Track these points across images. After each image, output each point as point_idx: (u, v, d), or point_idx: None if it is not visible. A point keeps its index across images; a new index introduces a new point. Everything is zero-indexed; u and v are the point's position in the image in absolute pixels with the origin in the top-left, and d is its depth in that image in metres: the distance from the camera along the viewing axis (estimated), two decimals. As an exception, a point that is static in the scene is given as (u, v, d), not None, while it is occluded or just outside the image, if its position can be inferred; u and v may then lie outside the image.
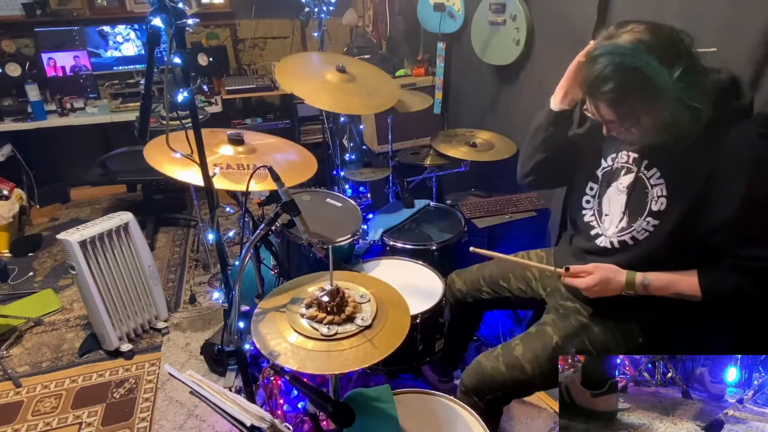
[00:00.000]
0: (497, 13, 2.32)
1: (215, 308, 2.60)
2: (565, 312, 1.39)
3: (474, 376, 1.41)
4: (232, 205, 3.10)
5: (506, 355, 1.38)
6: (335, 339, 1.16)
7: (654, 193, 1.19)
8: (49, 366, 2.26)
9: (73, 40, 3.44)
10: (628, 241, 1.24)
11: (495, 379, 1.37)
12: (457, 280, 1.74)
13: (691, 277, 1.17)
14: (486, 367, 1.39)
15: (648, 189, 1.20)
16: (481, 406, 1.40)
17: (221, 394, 0.97)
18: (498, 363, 1.38)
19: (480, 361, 1.42)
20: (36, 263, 3.08)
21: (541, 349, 1.35)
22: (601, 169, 1.33)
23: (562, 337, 1.34)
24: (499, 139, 2.39)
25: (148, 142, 1.59)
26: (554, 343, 1.34)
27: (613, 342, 1.31)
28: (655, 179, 1.19)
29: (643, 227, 1.21)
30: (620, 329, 1.31)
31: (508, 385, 1.37)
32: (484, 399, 1.40)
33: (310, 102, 1.92)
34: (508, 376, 1.36)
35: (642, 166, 1.22)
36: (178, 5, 1.11)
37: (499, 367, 1.37)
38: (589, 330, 1.33)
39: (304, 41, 4.05)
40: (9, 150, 3.40)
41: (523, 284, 1.60)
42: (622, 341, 1.30)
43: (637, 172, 1.23)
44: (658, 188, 1.18)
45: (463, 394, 1.44)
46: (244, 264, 1.24)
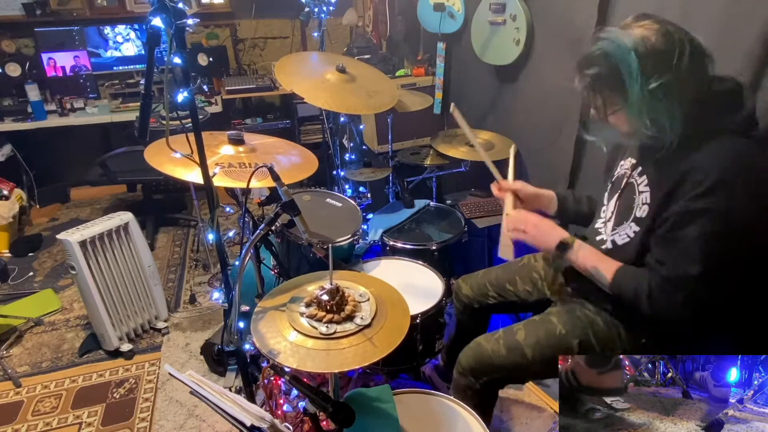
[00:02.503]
0: (497, 13, 2.32)
1: (215, 308, 2.60)
2: (571, 305, 1.39)
3: (472, 357, 1.40)
4: (232, 205, 3.09)
5: (508, 338, 1.37)
6: (334, 338, 1.16)
7: (640, 200, 1.19)
8: (49, 366, 2.26)
9: (73, 40, 3.44)
10: (610, 244, 1.26)
11: (494, 361, 1.36)
12: (463, 286, 1.73)
13: (613, 264, 1.19)
14: (486, 348, 1.38)
15: (636, 195, 1.20)
16: (477, 387, 1.39)
17: (221, 394, 0.97)
18: (499, 345, 1.37)
19: (480, 342, 1.41)
20: (36, 263, 3.08)
21: (544, 336, 1.34)
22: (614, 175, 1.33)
23: (566, 326, 1.33)
24: (499, 139, 2.39)
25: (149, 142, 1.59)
26: (558, 331, 1.33)
27: (617, 339, 1.30)
28: (643, 186, 1.19)
29: (626, 232, 1.22)
30: (625, 327, 1.30)
31: (506, 368, 1.35)
32: (480, 380, 1.39)
33: (310, 100, 1.92)
34: (507, 359, 1.35)
35: (635, 172, 1.22)
36: (178, 5, 1.12)
37: (499, 350, 1.36)
38: (595, 324, 1.32)
39: (304, 41, 4.05)
40: (9, 150, 3.40)
41: (530, 285, 1.60)
42: (627, 339, 1.30)
43: (629, 177, 1.24)
44: (644, 195, 1.18)
45: (459, 374, 1.43)
46: (244, 264, 1.24)
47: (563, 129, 2.06)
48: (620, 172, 1.30)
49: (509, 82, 2.46)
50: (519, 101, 2.41)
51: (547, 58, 2.18)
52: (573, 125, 1.98)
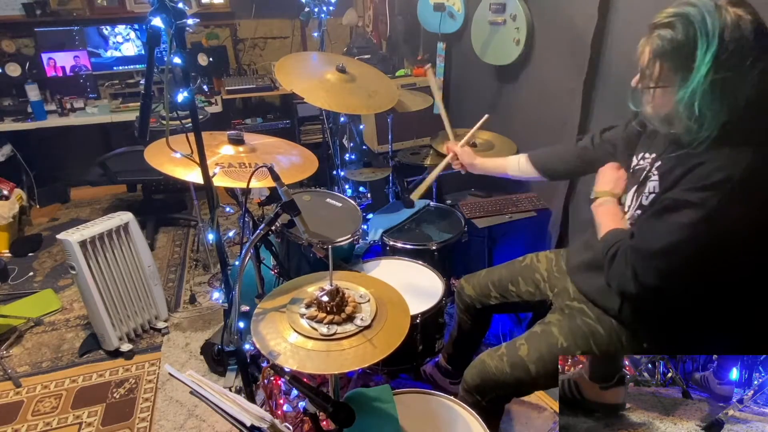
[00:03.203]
0: (497, 13, 2.32)
1: (215, 308, 2.60)
2: (571, 312, 1.38)
3: (477, 375, 1.40)
4: (232, 205, 3.09)
5: (511, 355, 1.37)
6: (335, 339, 1.16)
7: (648, 189, 1.19)
8: (49, 366, 2.26)
9: (73, 40, 3.44)
10: None
11: (498, 379, 1.36)
12: (466, 286, 1.73)
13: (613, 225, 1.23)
14: (490, 366, 1.38)
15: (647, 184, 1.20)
16: (483, 405, 1.39)
17: (221, 394, 0.97)
18: (502, 363, 1.37)
19: (483, 359, 1.41)
20: (36, 263, 3.08)
21: (547, 351, 1.34)
22: (631, 167, 1.32)
23: (568, 339, 1.33)
24: (499, 139, 2.39)
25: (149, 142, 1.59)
26: (559, 344, 1.33)
27: (618, 345, 1.30)
28: (654, 177, 1.19)
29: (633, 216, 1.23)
30: (626, 333, 1.30)
31: (511, 384, 1.36)
32: (486, 398, 1.39)
33: (310, 100, 1.92)
34: (511, 377, 1.35)
35: (654, 166, 1.20)
36: (178, 5, 1.11)
37: (503, 368, 1.36)
38: (596, 333, 1.32)
39: (304, 41, 4.05)
40: (9, 150, 3.40)
41: (532, 287, 1.59)
42: (628, 345, 1.30)
43: (648, 171, 1.21)
44: (653, 184, 1.18)
45: (465, 392, 1.44)
46: (244, 264, 1.24)
47: (563, 129, 2.06)
48: (641, 165, 1.27)
49: (509, 82, 2.46)
50: (519, 101, 2.41)
51: (547, 58, 2.18)
52: (573, 125, 1.98)
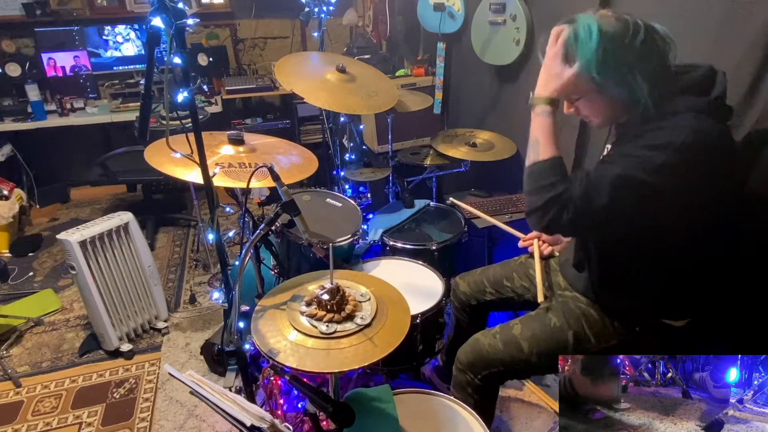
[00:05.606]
0: (497, 13, 2.32)
1: (215, 308, 2.60)
2: (564, 300, 1.41)
3: (470, 352, 1.43)
4: (232, 205, 3.10)
5: (504, 333, 1.40)
6: (335, 337, 1.16)
7: None
8: (49, 366, 2.26)
9: (73, 40, 3.44)
10: None
11: (491, 356, 1.39)
12: (461, 283, 1.74)
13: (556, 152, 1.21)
14: (483, 343, 1.41)
15: None
16: (476, 383, 1.41)
17: (221, 394, 0.97)
18: (495, 340, 1.40)
19: (477, 338, 1.45)
20: (36, 263, 3.08)
21: (540, 330, 1.37)
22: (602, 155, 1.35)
23: (561, 319, 1.36)
24: (499, 139, 2.39)
25: (149, 142, 1.59)
26: (552, 324, 1.36)
27: (611, 328, 1.31)
28: None
29: None
30: (617, 317, 1.32)
31: (504, 362, 1.38)
32: (478, 375, 1.41)
33: (310, 100, 1.92)
34: (505, 353, 1.37)
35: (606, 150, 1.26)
36: (178, 5, 1.12)
37: (496, 345, 1.39)
38: (588, 315, 1.34)
39: (304, 41, 4.05)
40: (9, 150, 3.41)
41: (527, 281, 1.61)
42: (620, 328, 1.31)
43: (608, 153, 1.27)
44: None
45: (458, 371, 1.45)
46: (244, 264, 1.24)
47: (564, 130, 2.06)
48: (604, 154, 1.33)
49: (509, 82, 2.46)
50: (519, 101, 2.41)
51: (547, 58, 2.18)
52: (573, 126, 1.98)
